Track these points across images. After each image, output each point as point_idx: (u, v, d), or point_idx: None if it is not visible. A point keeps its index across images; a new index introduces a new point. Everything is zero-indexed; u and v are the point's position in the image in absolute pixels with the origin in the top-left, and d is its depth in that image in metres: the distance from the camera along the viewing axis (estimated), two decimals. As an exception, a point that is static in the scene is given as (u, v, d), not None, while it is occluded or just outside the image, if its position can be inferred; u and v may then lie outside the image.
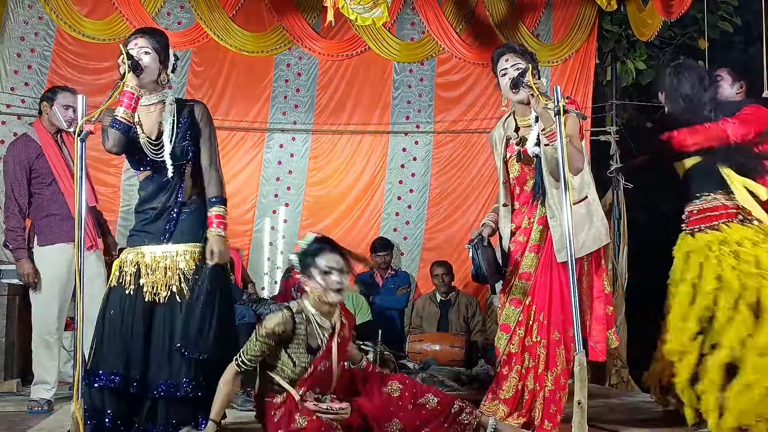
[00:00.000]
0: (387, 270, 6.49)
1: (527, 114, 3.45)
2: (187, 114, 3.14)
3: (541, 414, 3.29)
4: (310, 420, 2.86)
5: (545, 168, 3.35)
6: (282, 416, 2.92)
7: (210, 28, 6.28)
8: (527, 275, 3.41)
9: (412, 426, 3.04)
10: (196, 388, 2.93)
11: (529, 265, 3.41)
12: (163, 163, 3.08)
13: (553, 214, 3.35)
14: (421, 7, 6.50)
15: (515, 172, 3.51)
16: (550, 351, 3.32)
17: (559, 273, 3.35)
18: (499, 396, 3.38)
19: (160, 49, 3.14)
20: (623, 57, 6.64)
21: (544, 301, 3.36)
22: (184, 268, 3.03)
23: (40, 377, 4.15)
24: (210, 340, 2.98)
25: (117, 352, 2.93)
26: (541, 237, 3.41)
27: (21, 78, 6.08)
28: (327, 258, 3.04)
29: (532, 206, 3.45)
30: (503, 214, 3.54)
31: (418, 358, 5.63)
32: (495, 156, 3.62)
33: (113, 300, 3.03)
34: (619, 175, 6.46)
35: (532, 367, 3.35)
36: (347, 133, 6.75)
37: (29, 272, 4.12)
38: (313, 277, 3.03)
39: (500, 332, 3.47)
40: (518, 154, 3.44)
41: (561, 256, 3.31)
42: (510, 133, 3.52)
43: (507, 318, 3.44)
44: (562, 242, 3.27)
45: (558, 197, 3.30)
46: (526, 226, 3.45)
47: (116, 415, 2.92)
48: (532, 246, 3.42)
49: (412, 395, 3.09)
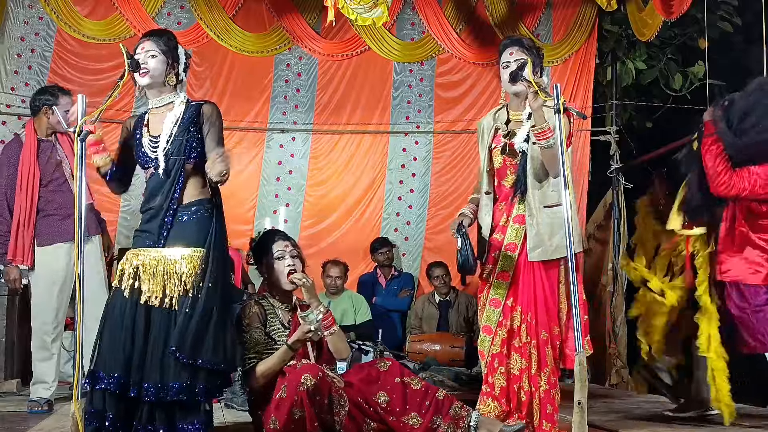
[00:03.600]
0: (390, 269, 6.48)
1: (521, 109, 3.44)
2: (193, 113, 3.09)
3: (539, 415, 3.29)
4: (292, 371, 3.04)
5: (530, 166, 3.34)
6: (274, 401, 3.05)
7: (210, 28, 6.29)
8: (505, 275, 3.37)
9: (398, 401, 3.11)
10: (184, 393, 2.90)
11: (508, 265, 3.37)
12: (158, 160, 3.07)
13: (531, 213, 3.32)
14: (421, 7, 6.50)
15: (497, 164, 3.46)
16: (541, 351, 3.31)
17: (541, 273, 3.32)
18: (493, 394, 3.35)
19: (168, 51, 3.11)
20: (623, 57, 6.64)
21: (529, 302, 3.33)
22: (184, 274, 2.98)
23: (39, 377, 4.15)
24: (207, 347, 2.96)
25: (116, 354, 2.92)
26: (517, 236, 3.36)
27: (21, 78, 6.09)
28: (277, 245, 3.34)
29: (511, 203, 3.41)
30: (485, 202, 3.47)
31: (418, 358, 5.63)
32: (480, 144, 3.57)
33: (114, 302, 3.02)
34: (619, 175, 6.47)
35: (525, 369, 3.32)
36: (347, 133, 6.75)
37: (15, 278, 4.18)
38: (270, 266, 3.32)
39: (482, 334, 3.42)
40: (504, 147, 3.41)
41: (534, 255, 3.30)
42: (500, 124, 3.49)
43: (488, 319, 3.40)
44: (535, 241, 3.29)
45: (539, 197, 3.31)
46: (503, 224, 3.41)
47: (116, 417, 2.91)
48: (508, 245, 3.37)
49: (400, 372, 3.19)
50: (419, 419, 3.10)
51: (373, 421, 3.10)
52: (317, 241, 6.61)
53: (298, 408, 2.93)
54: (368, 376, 3.19)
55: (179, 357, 2.90)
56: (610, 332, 6.03)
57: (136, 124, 3.18)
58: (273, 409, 3.02)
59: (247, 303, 3.30)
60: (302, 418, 2.94)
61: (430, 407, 3.11)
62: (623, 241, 6.29)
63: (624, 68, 6.61)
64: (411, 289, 6.52)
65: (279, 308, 3.34)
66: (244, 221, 6.50)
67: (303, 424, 2.95)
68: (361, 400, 3.10)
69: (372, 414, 3.10)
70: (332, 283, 6.02)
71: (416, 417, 3.11)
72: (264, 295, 3.38)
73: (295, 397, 2.93)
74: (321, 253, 6.35)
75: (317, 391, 2.95)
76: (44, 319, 4.16)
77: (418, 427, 3.08)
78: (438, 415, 3.11)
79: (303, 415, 2.93)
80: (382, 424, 3.11)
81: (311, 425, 2.94)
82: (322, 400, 2.98)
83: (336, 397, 3.04)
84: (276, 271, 3.32)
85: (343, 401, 3.05)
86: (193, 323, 2.93)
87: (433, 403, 3.13)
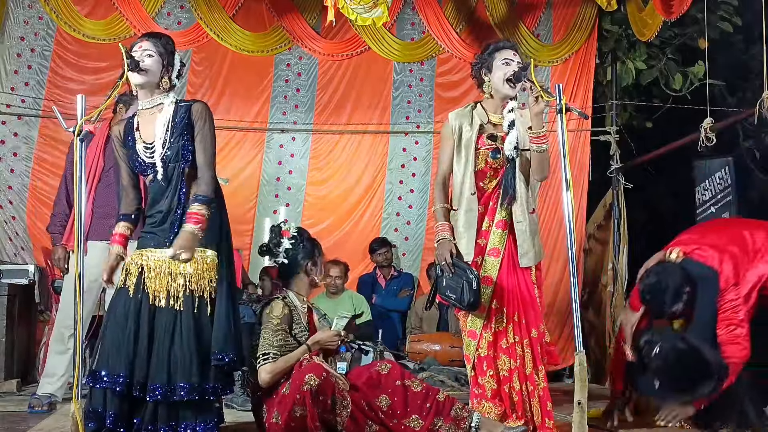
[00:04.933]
0: (389, 269, 6.48)
1: (499, 111, 3.45)
2: (184, 114, 3.08)
3: (540, 413, 3.29)
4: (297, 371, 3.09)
5: (519, 172, 3.35)
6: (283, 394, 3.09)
7: (210, 28, 6.28)
8: (488, 279, 3.36)
9: (400, 404, 3.13)
10: (196, 393, 2.91)
11: (489, 269, 3.37)
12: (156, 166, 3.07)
13: (519, 219, 3.35)
14: (421, 7, 6.50)
15: (479, 166, 3.43)
16: (534, 349, 3.33)
17: (524, 274, 3.38)
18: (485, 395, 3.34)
19: (165, 54, 3.11)
20: (623, 57, 6.63)
21: (515, 302, 3.35)
22: (189, 275, 2.99)
23: (48, 369, 4.19)
24: (235, 343, 3.01)
25: (120, 354, 2.92)
26: (500, 241, 3.38)
27: (21, 78, 6.07)
28: (321, 261, 3.53)
29: (492, 208, 3.41)
30: (469, 202, 3.39)
31: (418, 358, 5.63)
32: (450, 141, 3.46)
33: (118, 301, 3.02)
34: (619, 175, 6.47)
35: (515, 368, 3.32)
36: (347, 133, 6.74)
37: (60, 257, 4.43)
38: (320, 265, 3.48)
39: (467, 339, 3.41)
40: (495, 150, 3.40)
41: (524, 261, 3.36)
42: (482, 123, 3.46)
43: (473, 324, 3.39)
44: (525, 247, 3.35)
45: (526, 203, 3.36)
46: (486, 228, 3.41)
47: (117, 416, 2.92)
48: (491, 250, 3.38)
49: (401, 375, 3.21)
50: (420, 421, 3.11)
51: (375, 424, 3.11)
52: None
53: (300, 406, 2.95)
54: (369, 380, 3.20)
55: (223, 358, 2.93)
56: (610, 332, 6.02)
57: (126, 129, 3.17)
58: (276, 404, 3.06)
59: (277, 301, 3.32)
60: (303, 416, 2.96)
61: (431, 409, 3.12)
62: (623, 241, 6.30)
63: (624, 68, 6.60)
64: (411, 289, 6.51)
65: (299, 308, 3.38)
66: (243, 221, 6.49)
67: (304, 422, 2.97)
68: (363, 404, 3.11)
69: (374, 417, 3.11)
70: (332, 282, 6.02)
71: (417, 419, 3.12)
72: (286, 295, 3.40)
73: (297, 395, 2.95)
74: (321, 253, 6.36)
75: (320, 391, 2.97)
76: (67, 311, 4.17)
77: (420, 429, 3.10)
78: (439, 416, 3.12)
79: (305, 413, 2.95)
80: (384, 427, 3.12)
81: (312, 424, 2.96)
82: (325, 400, 2.99)
83: (339, 398, 3.05)
84: (313, 271, 3.47)
85: (346, 402, 3.06)
86: (224, 324, 2.96)
87: (434, 405, 3.14)
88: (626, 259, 6.26)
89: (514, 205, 3.36)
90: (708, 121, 5.20)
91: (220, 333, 2.97)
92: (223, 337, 2.96)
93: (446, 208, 3.47)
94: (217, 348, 2.95)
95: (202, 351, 2.96)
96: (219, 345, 2.95)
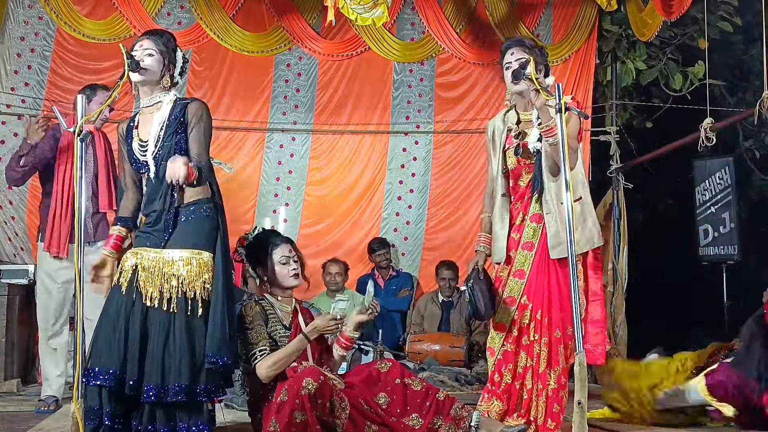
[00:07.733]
0: (388, 270, 6.48)
1: (529, 108, 3.44)
2: (180, 112, 3.07)
3: (543, 413, 3.28)
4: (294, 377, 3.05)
5: (544, 164, 3.34)
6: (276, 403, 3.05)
7: (210, 28, 6.28)
8: (521, 273, 3.38)
9: (399, 402, 3.12)
10: (184, 394, 2.90)
11: (522, 262, 3.38)
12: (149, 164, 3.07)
13: (550, 210, 3.33)
14: (421, 7, 6.50)
15: (512, 165, 3.47)
16: (552, 349, 3.29)
17: (557, 271, 3.33)
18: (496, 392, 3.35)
19: (166, 52, 3.10)
20: (623, 57, 6.63)
21: (542, 299, 3.33)
22: (182, 276, 2.98)
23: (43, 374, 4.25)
24: (230, 346, 2.99)
25: (112, 351, 2.91)
26: (534, 234, 3.38)
27: (21, 78, 6.07)
28: (281, 249, 3.36)
29: (527, 202, 3.42)
30: (502, 203, 3.48)
31: (418, 358, 5.63)
32: (490, 148, 3.56)
33: (112, 300, 3.02)
34: (619, 175, 6.47)
35: (530, 366, 3.32)
36: (347, 133, 6.74)
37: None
38: (272, 269, 3.34)
39: (494, 332, 3.42)
40: (517, 147, 3.42)
41: (554, 253, 3.31)
42: (511, 125, 3.50)
43: (502, 317, 3.40)
44: (556, 239, 3.28)
45: (556, 193, 3.29)
46: (519, 223, 3.43)
47: (113, 414, 2.91)
48: (525, 243, 3.39)
49: (401, 373, 3.20)
50: (420, 420, 3.11)
51: (374, 424, 3.09)
52: (317, 241, 6.61)
53: (300, 412, 2.93)
54: (369, 378, 3.19)
55: (217, 361, 2.91)
56: (610, 332, 6.02)
57: (127, 128, 3.18)
58: (273, 412, 3.01)
59: (247, 303, 3.30)
60: (304, 422, 2.93)
61: (430, 408, 3.12)
62: (623, 241, 6.30)
63: (624, 68, 6.60)
64: (410, 288, 6.51)
65: (279, 309, 3.34)
66: (244, 221, 6.49)
67: (305, 428, 2.94)
68: (361, 402, 3.10)
69: (373, 416, 3.10)
70: (332, 279, 6.02)
71: (417, 418, 3.11)
72: (263, 296, 3.38)
73: (296, 401, 2.92)
74: (320, 253, 6.36)
75: (319, 395, 2.94)
76: (43, 316, 4.24)
77: (419, 428, 3.09)
78: (439, 415, 3.12)
79: (305, 419, 2.93)
80: (383, 427, 3.10)
81: (313, 429, 2.94)
82: (323, 404, 2.97)
83: (337, 401, 3.03)
84: (279, 274, 3.34)
85: (344, 404, 3.05)
86: (220, 326, 2.95)
87: (434, 404, 3.13)
88: (626, 259, 6.26)
89: (543, 197, 3.36)
90: (708, 121, 5.20)
91: (215, 335, 2.94)
92: (217, 340, 2.93)
93: (489, 217, 3.54)
94: (212, 351, 2.92)
95: (194, 352, 2.93)
96: (213, 348, 2.93)
